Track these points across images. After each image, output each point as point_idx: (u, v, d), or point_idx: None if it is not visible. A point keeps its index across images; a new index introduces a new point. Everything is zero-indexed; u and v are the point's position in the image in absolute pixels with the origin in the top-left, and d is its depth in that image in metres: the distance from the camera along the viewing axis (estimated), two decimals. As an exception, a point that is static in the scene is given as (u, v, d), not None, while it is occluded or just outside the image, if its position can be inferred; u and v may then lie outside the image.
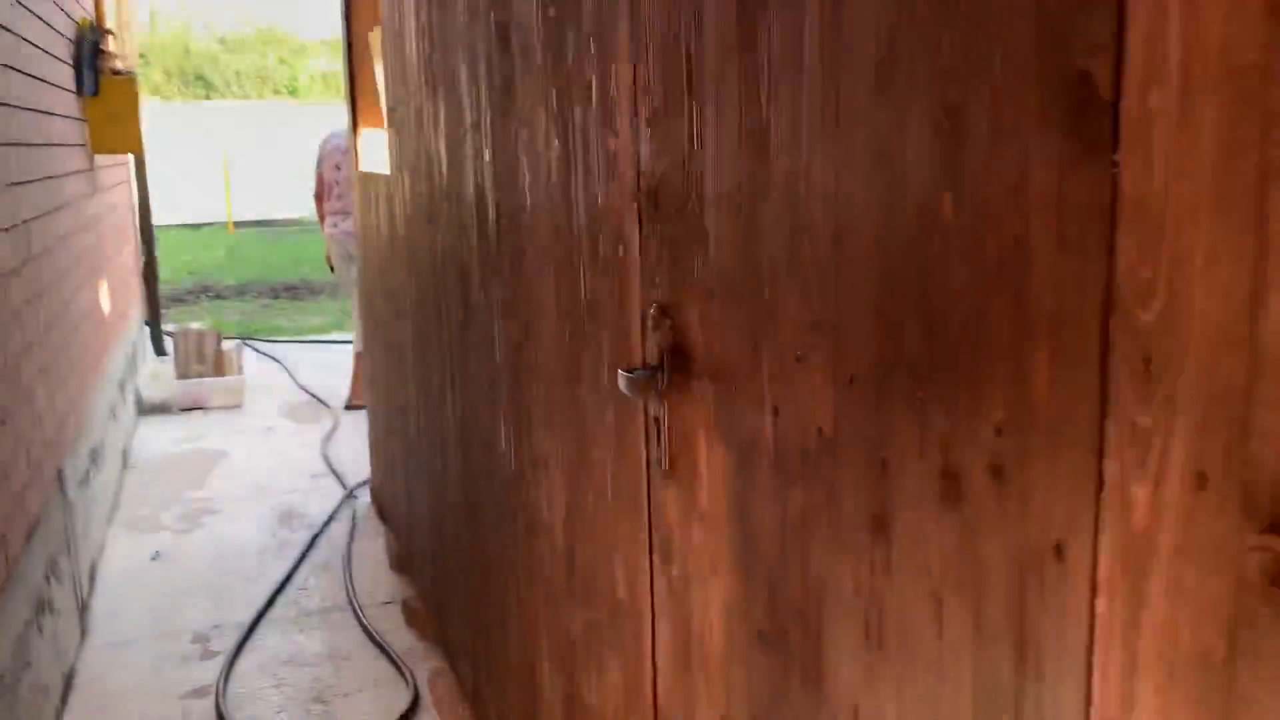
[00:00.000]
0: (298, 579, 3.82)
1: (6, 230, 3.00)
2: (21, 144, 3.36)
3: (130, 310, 6.26)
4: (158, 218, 16.93)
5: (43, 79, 3.88)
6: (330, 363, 7.49)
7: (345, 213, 5.98)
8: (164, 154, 18.06)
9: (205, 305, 10.51)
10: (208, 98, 21.91)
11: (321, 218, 6.31)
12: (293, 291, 11.35)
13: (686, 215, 1.27)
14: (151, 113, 18.53)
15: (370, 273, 4.20)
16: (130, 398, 5.76)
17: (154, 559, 4.02)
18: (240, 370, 6.64)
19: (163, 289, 11.53)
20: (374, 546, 4.11)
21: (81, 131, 4.62)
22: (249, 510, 4.56)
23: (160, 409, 6.13)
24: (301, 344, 8.28)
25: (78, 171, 4.48)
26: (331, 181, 6.21)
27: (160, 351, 7.13)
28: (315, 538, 4.19)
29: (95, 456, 4.13)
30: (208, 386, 6.25)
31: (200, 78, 20.88)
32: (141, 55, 21.58)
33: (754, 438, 1.15)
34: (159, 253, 9.27)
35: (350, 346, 6.60)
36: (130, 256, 6.57)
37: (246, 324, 9.30)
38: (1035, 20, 0.72)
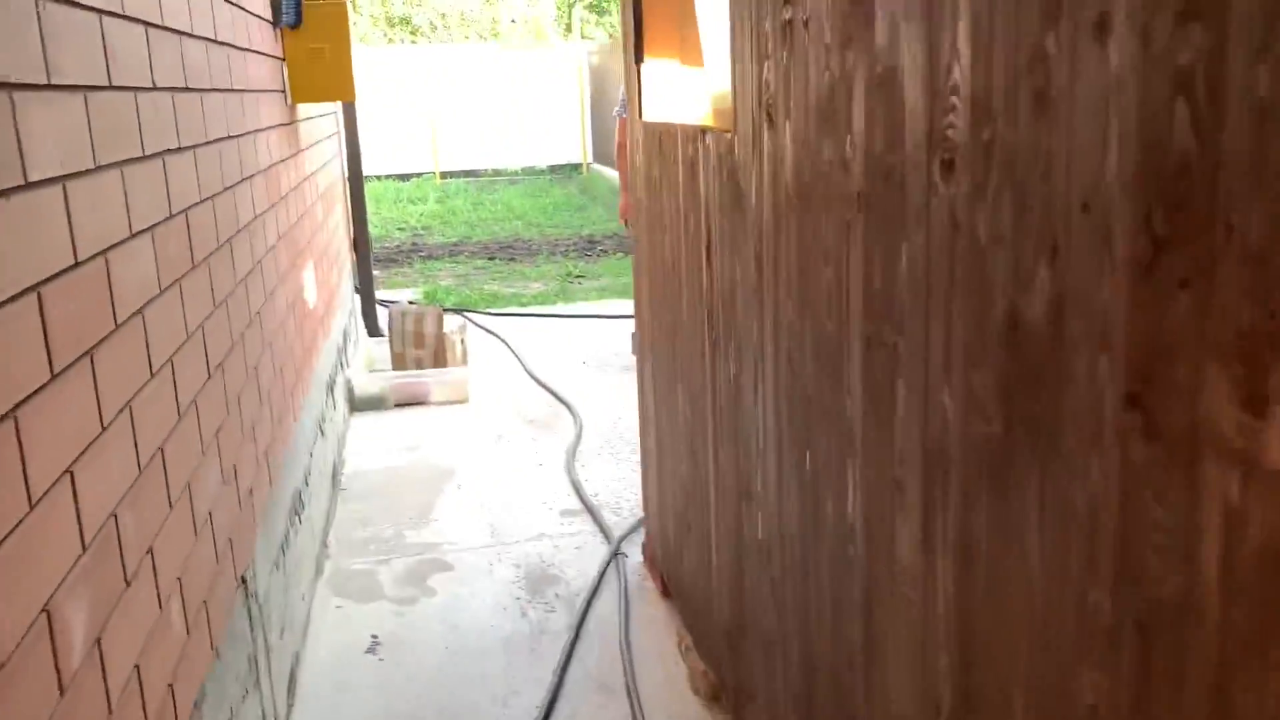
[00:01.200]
0: (563, 708, 2.70)
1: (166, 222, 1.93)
2: (195, 89, 2.30)
3: (340, 291, 5.35)
4: (367, 167, 16.38)
5: (235, 2, 2.84)
6: (556, 343, 6.43)
7: None
8: (368, 99, 17.61)
9: (417, 268, 9.73)
10: (413, 42, 21.42)
11: (622, 172, 5.52)
12: (508, 251, 10.43)
13: None
14: (361, 58, 18.09)
15: (659, 251, 3.00)
16: (340, 397, 4.84)
17: (370, 651, 3.00)
18: (464, 358, 5.65)
19: (374, 247, 10.96)
20: (662, 644, 2.95)
21: (279, 74, 3.60)
22: (486, 566, 3.50)
23: (374, 404, 5.20)
24: (524, 318, 7.28)
25: (278, 125, 3.46)
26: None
27: (374, 331, 6.24)
28: (579, 625, 3.07)
29: (298, 507, 3.14)
30: (428, 380, 5.28)
31: (405, 21, 20.36)
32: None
33: None
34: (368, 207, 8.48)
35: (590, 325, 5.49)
36: (340, 224, 5.66)
37: (462, 292, 8.40)
38: None
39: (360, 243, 6.18)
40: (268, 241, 3.05)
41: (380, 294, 8.27)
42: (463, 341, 5.71)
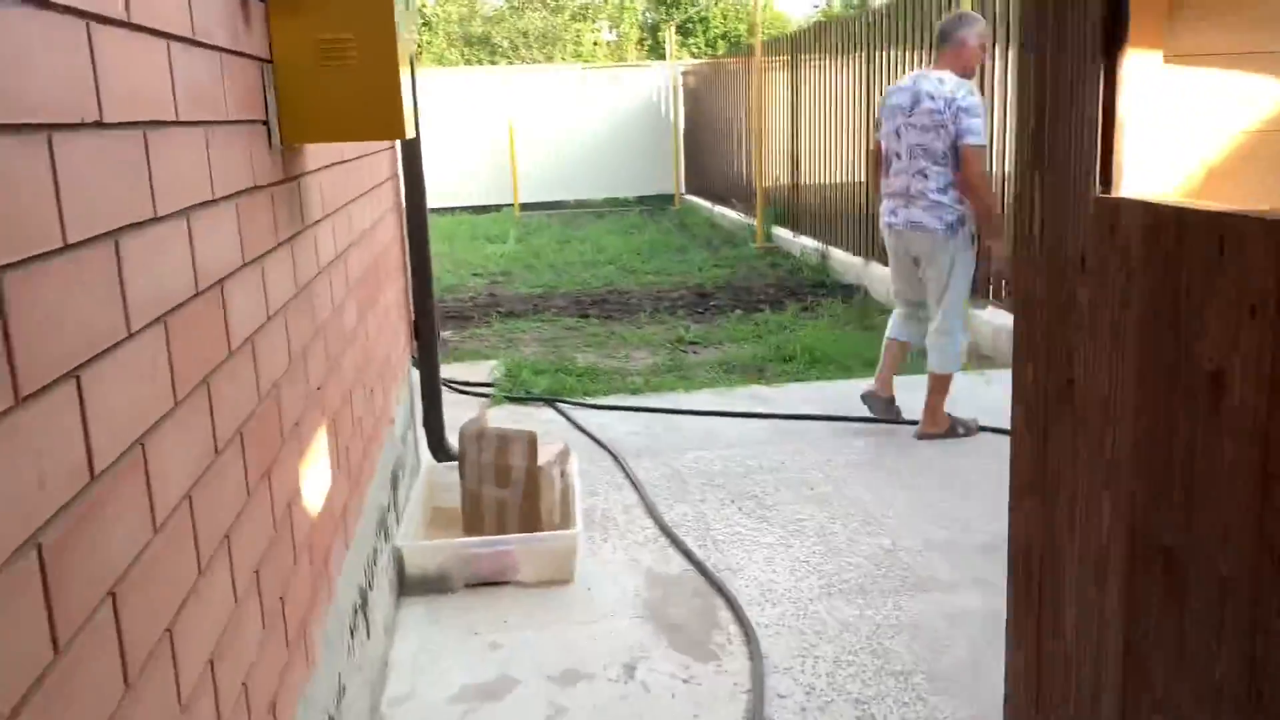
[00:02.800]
0: None
1: None
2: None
3: (390, 412, 3.66)
4: (438, 199, 14.83)
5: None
6: (684, 458, 4.67)
7: (904, 196, 4.89)
8: (440, 124, 16.15)
9: (496, 328, 8.06)
10: (492, 62, 20.03)
11: (877, 190, 5.14)
12: (603, 306, 8.71)
13: None
14: (431, 80, 16.63)
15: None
16: (385, 574, 3.14)
17: None
18: (566, 503, 3.91)
19: (445, 300, 9.36)
20: None
21: (257, 88, 1.90)
22: None
23: (433, 584, 3.49)
24: (636, 414, 5.54)
25: (243, 193, 1.78)
26: (891, 152, 4.94)
27: (440, 451, 4.48)
28: None
29: None
30: (514, 549, 3.55)
31: (484, 39, 18.97)
32: (425, 21, 19.88)
33: None
34: (436, 249, 6.86)
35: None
36: (393, 309, 3.98)
37: (552, 366, 6.68)
38: None
39: (424, 329, 4.48)
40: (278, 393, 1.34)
41: (449, 369, 6.61)
42: (563, 474, 3.97)
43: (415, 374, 4.60)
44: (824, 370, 6.43)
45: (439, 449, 4.44)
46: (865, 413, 5.27)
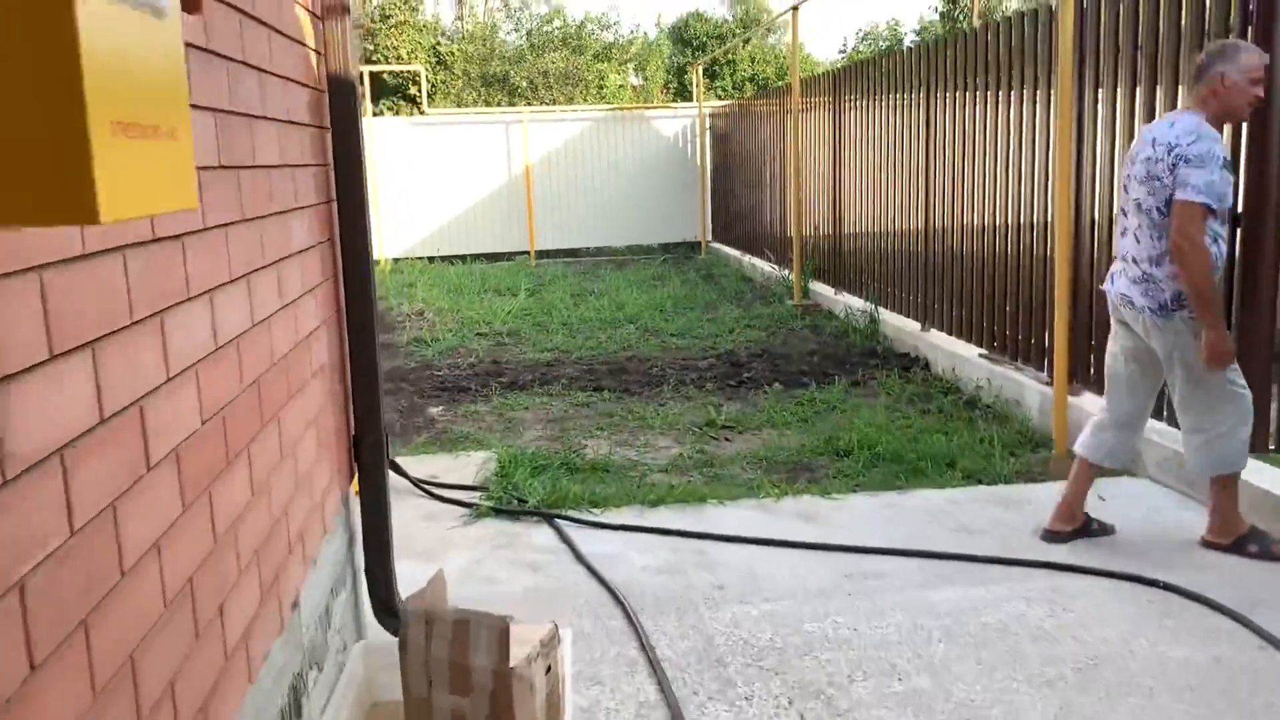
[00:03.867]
0: None
1: None
2: None
3: (289, 580, 2.48)
4: (450, 246, 13.72)
5: None
6: (721, 610, 3.44)
7: (1121, 261, 3.98)
8: (456, 168, 15.16)
9: (495, 404, 6.89)
10: (511, 103, 19.06)
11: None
12: (621, 377, 7.53)
13: None
14: (447, 122, 15.63)
15: None
16: None
17: None
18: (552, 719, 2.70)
19: (441, 366, 8.21)
20: None
21: None
22: None
23: None
24: (657, 537, 4.33)
25: None
26: (1119, 208, 4.03)
27: (388, 616, 3.27)
28: None
29: None
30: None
31: (500, 79, 18.00)
32: (440, 60, 18.95)
33: None
34: (433, 309, 5.82)
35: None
36: (317, 418, 2.81)
37: (555, 460, 5.50)
38: None
39: (367, 449, 3.31)
40: None
41: (433, 461, 5.45)
42: (550, 671, 2.76)
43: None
44: (889, 471, 5.21)
45: (387, 612, 3.24)
46: (954, 546, 4.06)
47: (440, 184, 15.21)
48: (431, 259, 15.20)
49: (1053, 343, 5.82)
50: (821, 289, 10.26)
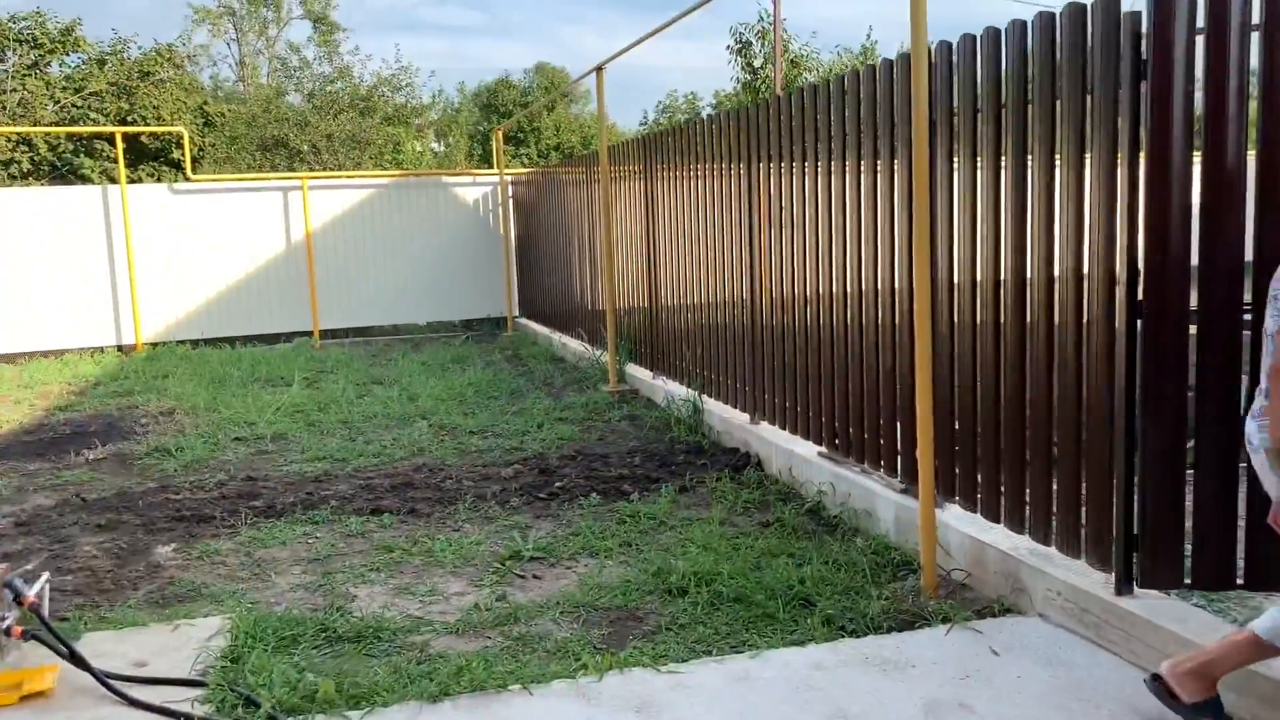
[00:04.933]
0: None
1: None
2: None
3: None
4: (219, 327, 12.08)
5: None
6: None
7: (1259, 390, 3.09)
8: (228, 239, 13.55)
9: (245, 537, 5.49)
10: (290, 168, 17.50)
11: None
12: (407, 495, 6.26)
13: None
14: (217, 191, 13.94)
15: None
16: None
17: None
18: None
19: (183, 486, 6.38)
20: None
21: None
22: None
23: None
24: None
25: None
26: (1271, 334, 2.95)
27: None
28: None
29: None
30: None
31: (281, 143, 16.49)
32: (208, 121, 17.23)
33: None
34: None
35: None
36: None
37: (312, 637, 4.20)
38: None
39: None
40: None
41: (136, 636, 4.07)
42: None
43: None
44: (733, 616, 4.20)
45: None
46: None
47: (208, 257, 13.52)
48: (196, 343, 13.42)
49: (909, 440, 5.00)
50: (639, 372, 9.33)
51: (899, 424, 5.17)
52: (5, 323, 12.81)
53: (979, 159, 4.44)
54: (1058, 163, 3.97)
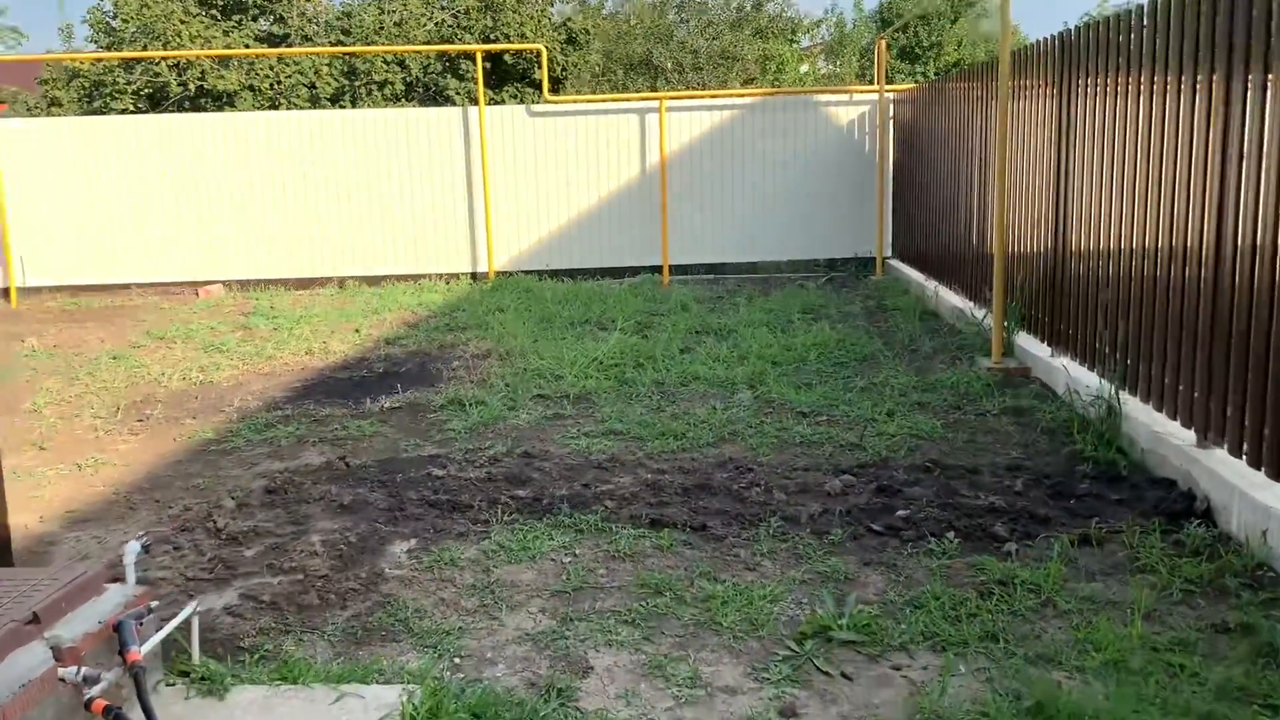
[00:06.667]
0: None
1: None
2: None
3: None
4: (561, 258, 11.24)
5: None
6: None
7: None
8: (572, 164, 12.78)
9: (489, 547, 4.37)
10: (652, 88, 16.40)
11: None
12: (696, 500, 4.84)
13: None
14: (563, 115, 13.13)
15: None
16: None
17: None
18: None
19: (453, 459, 5.22)
20: None
21: None
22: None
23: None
24: None
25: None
26: None
27: None
28: None
29: None
30: None
31: (646, 62, 15.37)
32: (571, 38, 16.56)
33: None
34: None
35: None
36: None
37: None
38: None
39: None
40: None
41: (286, 707, 3.00)
42: None
43: None
44: None
45: None
46: None
47: (560, 184, 12.86)
48: (543, 274, 12.85)
49: None
50: (1033, 346, 7.22)
51: None
52: (366, 247, 12.95)
53: None
54: None
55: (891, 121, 12.69)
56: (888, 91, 12.78)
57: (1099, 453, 5.28)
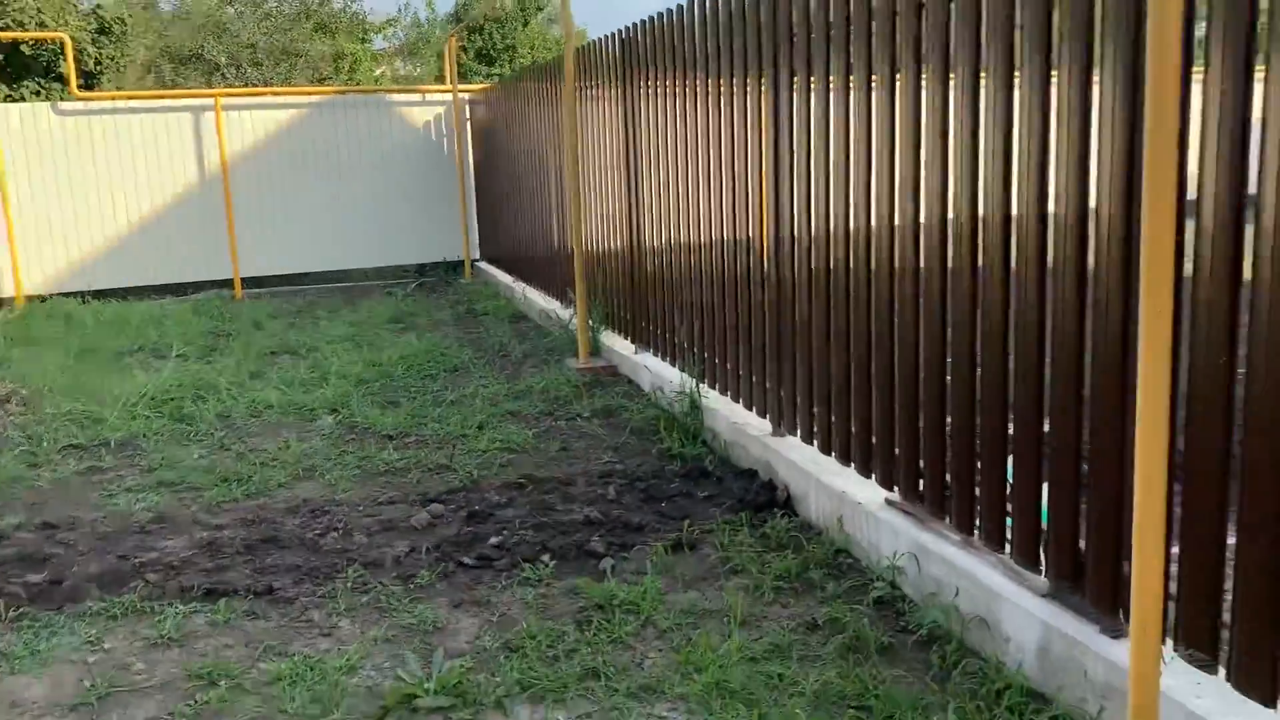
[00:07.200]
0: None
1: None
2: None
3: None
4: (120, 277, 9.63)
5: None
6: None
7: None
8: (128, 169, 11.28)
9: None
10: (207, 84, 15.06)
11: None
12: (265, 557, 4.17)
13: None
14: (116, 111, 11.48)
15: None
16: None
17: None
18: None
19: None
20: None
21: None
22: None
23: None
24: None
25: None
26: None
27: None
28: None
29: None
30: None
31: (197, 57, 13.95)
32: (103, 28, 14.74)
33: None
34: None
35: None
36: None
37: None
38: None
39: None
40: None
41: None
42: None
43: None
44: None
45: None
46: None
47: (103, 192, 11.25)
48: (84, 296, 11.17)
49: (1104, 519, 2.96)
50: (618, 344, 7.23)
51: (1045, 473, 3.11)
52: None
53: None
54: None
55: (469, 122, 12.44)
56: (462, 92, 12.52)
57: (686, 449, 5.28)
